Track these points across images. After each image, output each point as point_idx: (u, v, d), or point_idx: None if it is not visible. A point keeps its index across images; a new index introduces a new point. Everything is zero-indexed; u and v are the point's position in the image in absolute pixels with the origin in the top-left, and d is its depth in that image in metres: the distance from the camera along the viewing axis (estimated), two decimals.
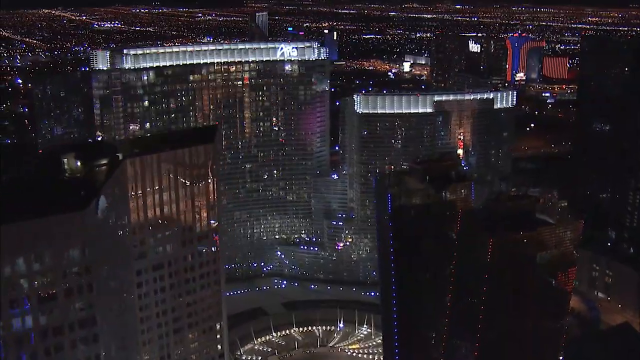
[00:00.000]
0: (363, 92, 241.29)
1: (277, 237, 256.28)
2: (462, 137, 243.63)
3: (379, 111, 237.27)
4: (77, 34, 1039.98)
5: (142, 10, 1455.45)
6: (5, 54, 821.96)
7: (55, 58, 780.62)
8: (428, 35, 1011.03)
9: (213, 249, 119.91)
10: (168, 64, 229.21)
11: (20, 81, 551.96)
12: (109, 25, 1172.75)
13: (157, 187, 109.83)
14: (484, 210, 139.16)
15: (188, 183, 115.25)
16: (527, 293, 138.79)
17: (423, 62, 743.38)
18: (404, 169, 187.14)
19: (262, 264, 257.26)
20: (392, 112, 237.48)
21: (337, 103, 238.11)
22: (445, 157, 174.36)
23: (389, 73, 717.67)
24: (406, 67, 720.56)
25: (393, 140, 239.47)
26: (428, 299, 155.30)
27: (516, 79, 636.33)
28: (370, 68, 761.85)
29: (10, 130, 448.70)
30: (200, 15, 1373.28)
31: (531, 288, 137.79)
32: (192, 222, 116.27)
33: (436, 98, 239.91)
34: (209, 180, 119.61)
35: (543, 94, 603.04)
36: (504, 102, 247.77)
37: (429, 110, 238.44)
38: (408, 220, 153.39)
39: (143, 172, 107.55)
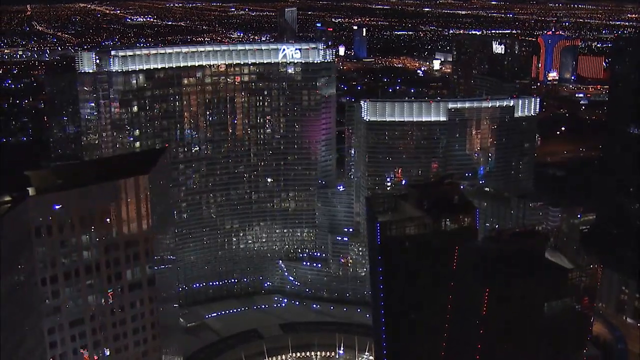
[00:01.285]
0: (374, 98, 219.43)
1: (278, 251, 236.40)
2: (478, 149, 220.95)
3: (388, 119, 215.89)
4: (109, 28, 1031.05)
5: (177, 5, 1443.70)
6: (35, 48, 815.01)
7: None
8: (461, 32, 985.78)
9: (149, 298, 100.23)
10: (159, 67, 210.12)
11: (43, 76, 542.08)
12: (142, 20, 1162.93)
13: (72, 228, 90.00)
14: (483, 250, 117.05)
15: (113, 222, 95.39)
16: (534, 343, 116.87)
17: (451, 57, 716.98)
18: (400, 191, 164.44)
19: (262, 279, 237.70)
20: (402, 120, 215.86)
21: (363, 102, 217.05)
22: (446, 179, 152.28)
23: (418, 71, 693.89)
24: (436, 65, 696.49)
25: (403, 151, 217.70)
26: (420, 342, 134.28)
27: (548, 78, 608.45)
28: (400, 65, 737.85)
29: (27, 128, 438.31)
30: (233, 9, 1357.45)
31: (539, 338, 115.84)
32: (121, 269, 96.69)
33: (451, 105, 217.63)
34: (142, 215, 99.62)
35: (576, 95, 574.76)
36: (526, 109, 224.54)
37: (443, 118, 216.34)
38: (400, 253, 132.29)
39: (49, 211, 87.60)
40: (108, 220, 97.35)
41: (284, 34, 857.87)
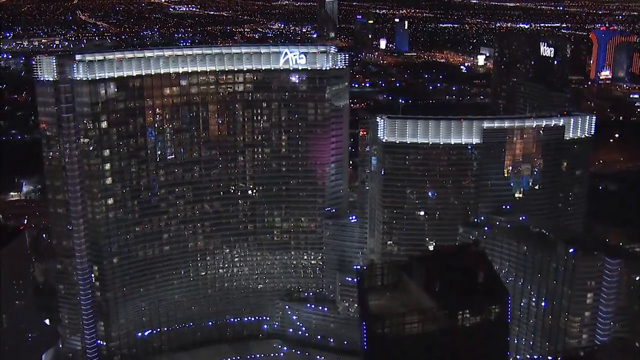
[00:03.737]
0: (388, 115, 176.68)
1: (278, 290, 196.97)
2: (519, 177, 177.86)
3: (409, 140, 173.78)
4: (151, 17, 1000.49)
5: None
6: (73, 38, 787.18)
7: (120, 42, 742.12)
8: (509, 25, 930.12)
9: None
10: (135, 74, 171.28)
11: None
12: (184, 9, 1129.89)
13: None
14: None
15: None
16: None
17: (493, 54, 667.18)
18: (404, 260, 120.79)
19: (259, 321, 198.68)
20: (427, 141, 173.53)
21: (401, 101, 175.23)
22: (467, 249, 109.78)
23: (462, 67, 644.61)
24: (480, 60, 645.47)
25: (426, 179, 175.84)
26: None
27: (600, 77, 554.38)
28: (443, 60, 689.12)
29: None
30: None
31: None
32: None
33: (486, 125, 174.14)
34: None
35: (631, 96, 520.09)
36: (579, 130, 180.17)
37: (477, 140, 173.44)
38: None
39: None
40: None
41: (324, 25, 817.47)
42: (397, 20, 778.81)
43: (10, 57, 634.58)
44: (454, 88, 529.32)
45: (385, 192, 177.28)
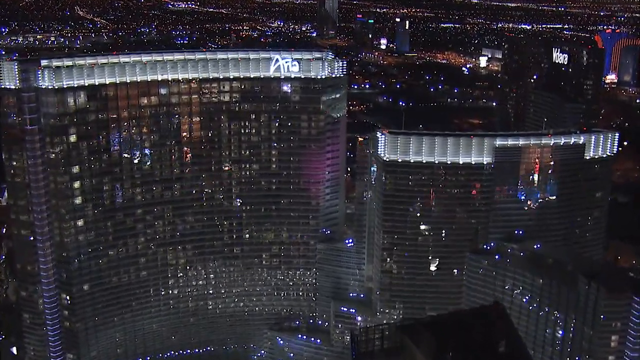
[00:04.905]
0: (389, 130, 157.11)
1: (266, 319, 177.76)
2: (533, 201, 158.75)
3: (413, 159, 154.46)
4: (149, 14, 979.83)
5: None
6: (69, 34, 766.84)
7: (116, 40, 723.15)
8: (510, 26, 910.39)
9: None
10: (108, 81, 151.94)
11: None
12: (183, 6, 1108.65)
13: None
14: None
15: None
16: None
17: (501, 57, 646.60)
18: (409, 322, 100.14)
19: (245, 351, 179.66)
20: (432, 160, 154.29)
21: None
22: (486, 311, 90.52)
23: (464, 68, 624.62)
24: (482, 62, 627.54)
25: (432, 203, 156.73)
26: None
27: (606, 81, 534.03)
28: (444, 61, 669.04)
29: None
30: None
31: None
32: None
33: (499, 143, 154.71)
34: None
35: (637, 101, 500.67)
36: (600, 148, 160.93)
37: (488, 159, 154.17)
38: None
39: None
40: None
41: (324, 24, 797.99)
42: (398, 19, 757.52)
43: (3, 52, 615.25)
44: (455, 90, 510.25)
45: (386, 215, 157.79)
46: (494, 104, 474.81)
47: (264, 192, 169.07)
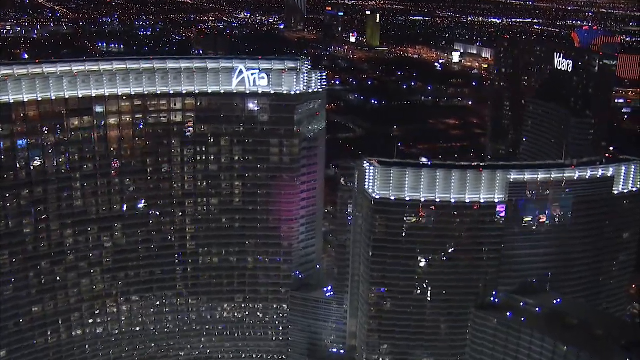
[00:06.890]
0: (379, 160, 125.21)
1: None
2: (551, 245, 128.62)
3: (408, 196, 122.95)
4: (112, 3, 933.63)
5: None
6: (26, 23, 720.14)
7: (77, 30, 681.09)
8: (480, 19, 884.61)
9: None
10: (27, 98, 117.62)
11: (26, 57, 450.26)
12: None
13: None
14: None
15: None
16: None
17: (474, 52, 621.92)
18: None
19: None
20: (432, 198, 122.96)
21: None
22: None
23: (436, 64, 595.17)
24: (455, 57, 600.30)
25: (432, 250, 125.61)
26: None
27: None
28: (415, 56, 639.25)
29: None
30: None
31: None
32: None
33: (513, 177, 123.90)
34: None
35: (616, 101, 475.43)
36: (629, 181, 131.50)
37: (500, 196, 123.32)
38: None
39: None
40: None
41: (292, 15, 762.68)
42: (368, 12, 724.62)
43: None
44: (429, 88, 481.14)
45: (375, 264, 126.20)
46: (469, 103, 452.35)
47: (224, 232, 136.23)
